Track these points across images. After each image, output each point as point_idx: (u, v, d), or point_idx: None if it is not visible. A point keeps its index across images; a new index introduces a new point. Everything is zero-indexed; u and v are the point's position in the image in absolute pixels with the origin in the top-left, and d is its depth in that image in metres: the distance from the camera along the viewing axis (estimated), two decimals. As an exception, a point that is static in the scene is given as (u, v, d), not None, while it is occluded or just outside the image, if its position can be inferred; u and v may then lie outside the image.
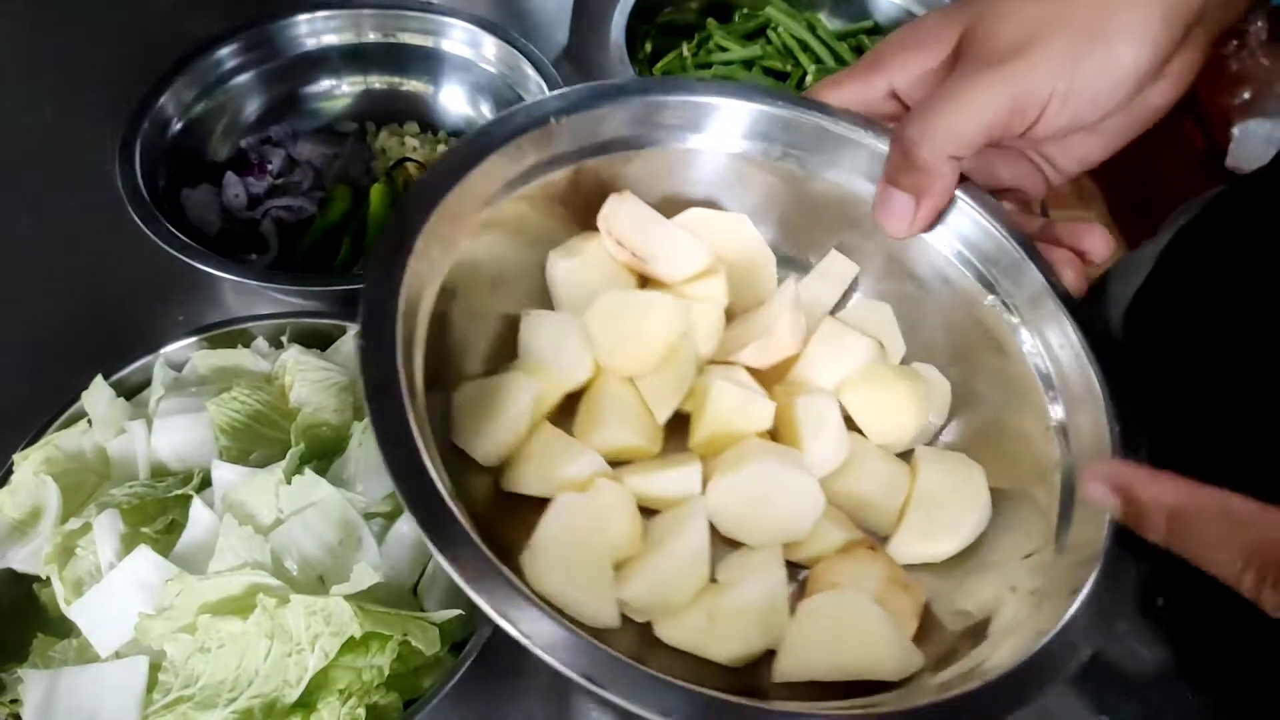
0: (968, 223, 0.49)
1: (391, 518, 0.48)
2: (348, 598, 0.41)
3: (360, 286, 0.41)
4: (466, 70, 0.79)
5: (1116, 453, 0.42)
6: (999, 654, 0.39)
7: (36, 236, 0.72)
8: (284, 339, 0.56)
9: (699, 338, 0.50)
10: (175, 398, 0.51)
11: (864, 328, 0.52)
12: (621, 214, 0.50)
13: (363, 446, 0.49)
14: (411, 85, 0.81)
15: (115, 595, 0.42)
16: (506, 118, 0.47)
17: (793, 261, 0.55)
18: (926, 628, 0.44)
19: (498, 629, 0.43)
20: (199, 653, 0.40)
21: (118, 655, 0.42)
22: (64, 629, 0.45)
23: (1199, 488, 0.35)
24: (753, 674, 0.42)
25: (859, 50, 0.86)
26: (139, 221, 0.62)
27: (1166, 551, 0.36)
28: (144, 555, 0.43)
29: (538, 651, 0.33)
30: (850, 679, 0.41)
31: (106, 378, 0.52)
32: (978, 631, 0.42)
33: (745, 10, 0.89)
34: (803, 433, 0.47)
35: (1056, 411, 0.46)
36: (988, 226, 0.49)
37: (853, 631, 0.41)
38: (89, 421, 0.51)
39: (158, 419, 0.50)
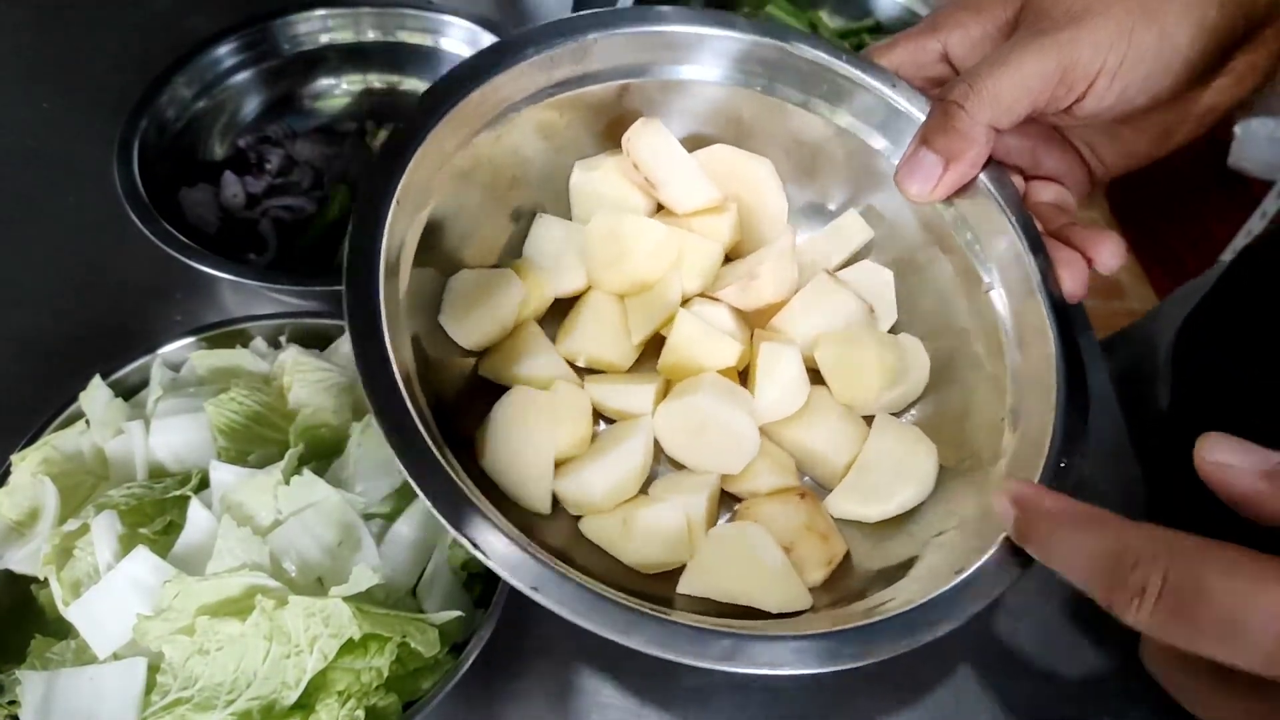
0: (981, 203, 0.49)
1: (391, 518, 0.48)
2: (346, 599, 0.41)
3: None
4: (466, 69, 0.79)
5: (1049, 461, 0.42)
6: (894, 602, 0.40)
7: (34, 236, 0.72)
8: (282, 339, 0.56)
9: (689, 271, 0.52)
10: (173, 398, 0.51)
11: (860, 289, 0.53)
12: (644, 138, 0.51)
13: (362, 447, 0.48)
14: (411, 84, 0.81)
15: (113, 596, 0.42)
16: (543, 29, 0.48)
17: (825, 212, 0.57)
18: (842, 576, 0.47)
19: (497, 631, 0.44)
20: (197, 654, 0.40)
21: (116, 657, 0.42)
22: (62, 630, 0.45)
23: (1080, 503, 0.36)
24: (666, 581, 0.45)
25: (859, 49, 0.86)
26: (137, 221, 0.62)
27: None
28: (142, 556, 0.42)
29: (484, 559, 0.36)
30: (739, 604, 0.44)
31: (104, 378, 0.51)
32: (890, 577, 0.44)
33: (747, 10, 0.89)
34: (757, 377, 0.49)
35: (1012, 405, 0.47)
36: (1000, 212, 0.49)
37: (747, 562, 0.45)
38: (87, 422, 0.51)
39: (156, 420, 0.49)
